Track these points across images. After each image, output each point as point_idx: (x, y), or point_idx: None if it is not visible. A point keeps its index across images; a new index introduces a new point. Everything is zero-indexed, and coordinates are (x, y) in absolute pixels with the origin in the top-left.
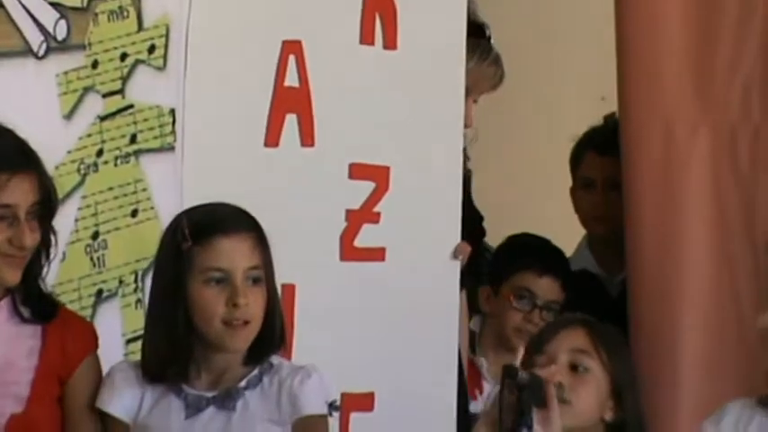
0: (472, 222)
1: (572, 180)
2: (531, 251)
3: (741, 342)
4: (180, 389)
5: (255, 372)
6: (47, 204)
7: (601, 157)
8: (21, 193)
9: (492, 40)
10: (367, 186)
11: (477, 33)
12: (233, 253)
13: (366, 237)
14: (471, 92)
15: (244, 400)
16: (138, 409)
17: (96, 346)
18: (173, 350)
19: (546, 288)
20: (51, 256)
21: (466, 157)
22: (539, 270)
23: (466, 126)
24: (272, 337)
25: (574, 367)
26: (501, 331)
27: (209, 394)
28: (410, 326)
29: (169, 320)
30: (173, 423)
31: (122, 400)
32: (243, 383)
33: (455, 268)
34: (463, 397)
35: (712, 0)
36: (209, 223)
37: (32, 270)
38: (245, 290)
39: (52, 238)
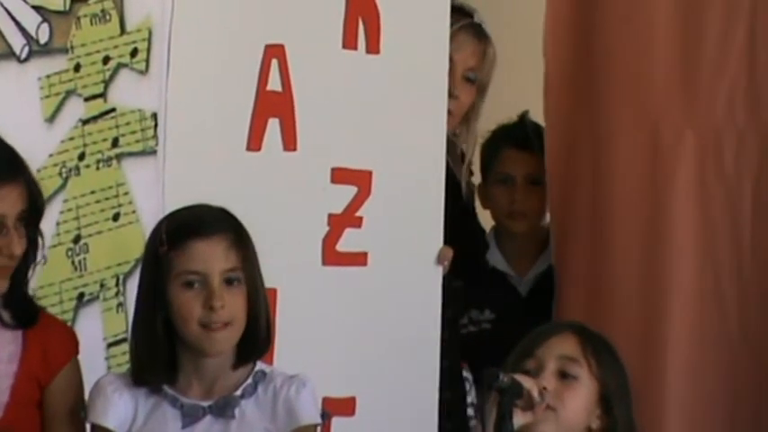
0: (475, 236)
1: (483, 176)
2: None
3: (725, 344)
4: (175, 398)
5: (249, 380)
6: (34, 210)
7: (520, 153)
8: (9, 203)
9: (477, 19)
10: (349, 191)
11: (458, 11)
12: (208, 256)
13: (348, 241)
14: (453, 59)
15: (240, 409)
16: (132, 420)
17: (77, 352)
18: (153, 354)
19: None
20: (38, 258)
21: (470, 172)
22: None
23: (451, 96)
24: (258, 337)
25: (562, 374)
26: None
27: (205, 403)
28: (392, 331)
29: (149, 325)
30: None
31: (116, 412)
32: (239, 392)
33: (438, 273)
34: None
35: (697, 4)
36: (185, 227)
37: (18, 274)
38: (222, 292)
39: (40, 241)
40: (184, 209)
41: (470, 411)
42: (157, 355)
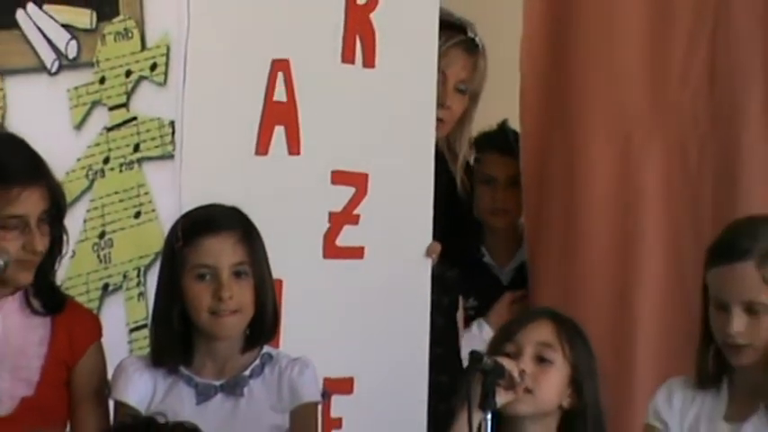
0: (470, 228)
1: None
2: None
3: (689, 334)
4: (190, 378)
5: (257, 362)
6: (55, 210)
7: (502, 157)
8: (31, 204)
9: (470, 34)
10: (347, 191)
11: (451, 26)
12: (217, 251)
13: (347, 237)
14: (446, 74)
15: (249, 388)
16: (151, 397)
17: (100, 336)
18: (170, 339)
19: None
20: (63, 252)
21: (466, 170)
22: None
23: (441, 106)
24: (264, 324)
25: (539, 359)
26: None
27: (217, 382)
28: (386, 317)
29: (166, 313)
30: (185, 409)
31: (137, 390)
32: (247, 372)
33: (427, 265)
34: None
35: (665, 24)
36: (197, 224)
37: (44, 266)
38: (231, 284)
39: (64, 237)
40: (199, 208)
41: None
42: (174, 339)
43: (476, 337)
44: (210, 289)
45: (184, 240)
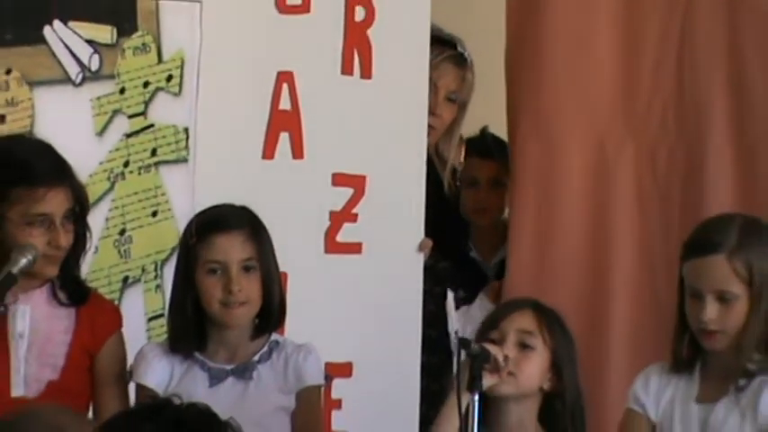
0: (457, 225)
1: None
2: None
3: (659, 326)
4: (203, 363)
5: (265, 348)
6: (79, 209)
7: (484, 161)
8: (56, 204)
9: (459, 49)
10: (347, 192)
11: (443, 41)
12: (228, 247)
13: (346, 234)
14: (437, 85)
15: (257, 372)
16: (168, 380)
17: (120, 325)
18: (185, 327)
19: None
20: (87, 247)
21: (452, 174)
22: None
23: (432, 114)
24: (271, 314)
25: (521, 345)
26: None
27: (229, 367)
28: (382, 307)
29: (181, 304)
30: (198, 391)
31: (155, 374)
32: (256, 358)
33: (419, 259)
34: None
35: (635, 41)
36: (209, 223)
37: (68, 261)
38: (240, 278)
39: (87, 234)
40: (211, 208)
41: None
42: (188, 327)
43: (476, 313)
44: (221, 283)
45: (198, 237)
